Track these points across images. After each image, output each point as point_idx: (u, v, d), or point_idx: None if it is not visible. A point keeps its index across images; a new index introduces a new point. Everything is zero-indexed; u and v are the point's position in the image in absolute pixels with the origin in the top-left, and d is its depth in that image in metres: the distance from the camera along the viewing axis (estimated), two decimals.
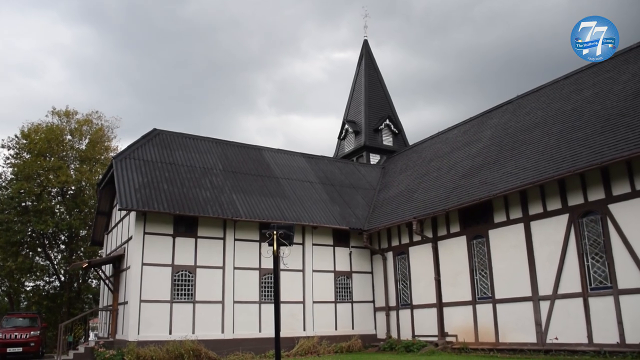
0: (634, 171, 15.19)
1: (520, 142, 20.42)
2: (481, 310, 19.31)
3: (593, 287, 15.94)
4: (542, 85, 23.86)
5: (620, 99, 17.70)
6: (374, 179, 30.14)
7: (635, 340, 14.59)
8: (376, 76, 36.74)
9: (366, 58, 37.01)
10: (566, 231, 16.64)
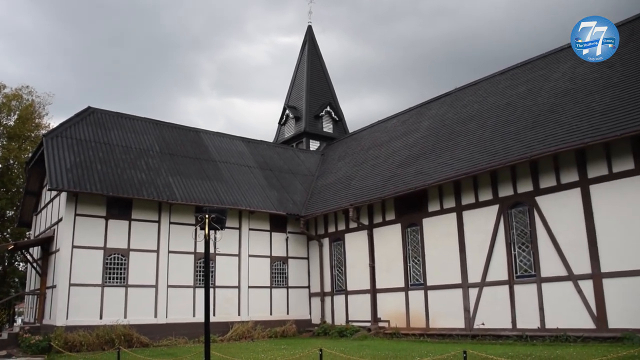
0: (560, 166, 15.89)
1: (457, 134, 20.96)
2: (413, 297, 19.81)
3: (519, 275, 16.64)
4: (480, 79, 24.52)
5: (551, 96, 18.42)
6: (313, 165, 30.26)
7: (553, 325, 15.40)
8: (319, 63, 36.74)
9: (310, 44, 36.94)
10: (496, 221, 17.27)
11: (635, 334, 13.38)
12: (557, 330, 15.21)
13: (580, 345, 14.06)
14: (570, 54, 20.38)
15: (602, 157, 14.99)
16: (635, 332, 13.47)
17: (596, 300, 14.65)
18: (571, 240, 15.35)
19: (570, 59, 20.07)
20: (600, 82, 17.09)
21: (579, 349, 13.15)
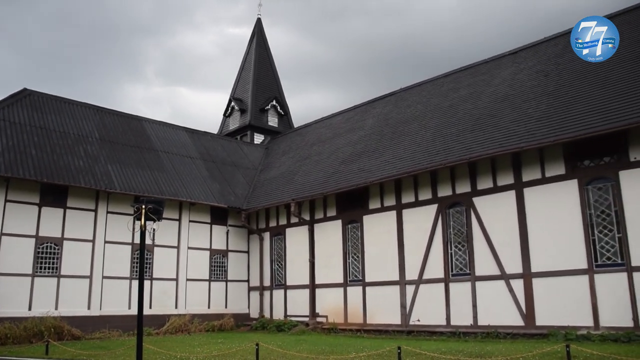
0: (497, 168, 16.45)
1: (399, 133, 21.30)
2: (352, 293, 20.04)
3: (454, 273, 17.11)
4: (424, 80, 25.00)
5: (491, 101, 18.98)
6: (257, 158, 30.11)
7: (485, 322, 15.94)
8: (267, 56, 36.53)
9: (258, 37, 36.66)
10: (434, 220, 17.69)
11: (560, 330, 14.06)
12: (489, 327, 15.75)
13: (509, 341, 14.58)
14: (511, 61, 21.14)
15: (536, 161, 15.61)
16: (560, 329, 14.15)
17: (526, 299, 15.25)
18: (505, 241, 15.92)
19: (510, 65, 20.77)
20: (537, 90, 17.73)
21: (508, 345, 13.64)
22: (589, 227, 14.45)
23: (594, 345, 12.49)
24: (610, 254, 14.09)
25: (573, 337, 13.54)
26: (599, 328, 13.76)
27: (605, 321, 13.77)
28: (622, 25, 18.20)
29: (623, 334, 13.05)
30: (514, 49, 21.94)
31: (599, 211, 14.42)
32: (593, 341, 13.17)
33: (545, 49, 20.38)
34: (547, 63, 19.19)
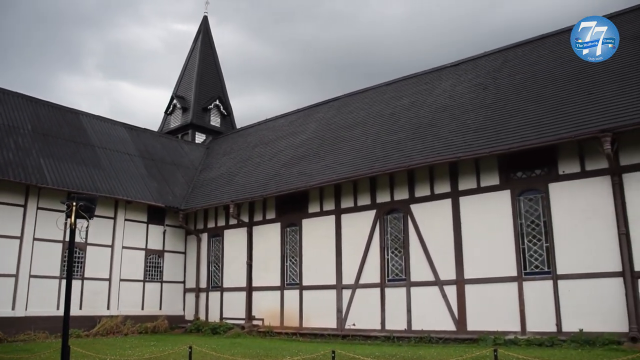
0: (435, 176, 16.85)
1: (341, 139, 21.48)
2: (288, 296, 20.03)
3: (390, 278, 17.39)
4: (367, 87, 25.33)
5: (432, 111, 19.42)
6: (197, 158, 29.67)
7: (419, 327, 16.27)
8: (212, 55, 36.08)
9: (204, 35, 36.16)
10: (372, 226, 17.91)
11: (489, 335, 14.50)
12: (422, 331, 16.07)
13: (441, 346, 14.93)
14: (452, 72, 21.73)
15: (472, 171, 16.09)
16: (490, 334, 14.60)
17: (458, 305, 15.67)
18: (440, 248, 16.31)
19: (451, 77, 21.33)
20: (476, 102, 18.28)
21: (440, 349, 13.96)
22: (519, 236, 15.01)
23: (520, 349, 12.97)
24: (538, 263, 14.67)
25: (501, 342, 14.00)
26: (526, 333, 14.31)
27: (531, 326, 14.33)
28: (555, 45, 19.13)
29: (547, 338, 13.63)
30: (455, 61, 22.58)
31: (529, 221, 15.01)
32: (520, 346, 13.67)
33: (484, 63, 21.05)
34: (486, 77, 19.82)
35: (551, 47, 19.24)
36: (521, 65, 19.20)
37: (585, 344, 12.93)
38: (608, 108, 14.07)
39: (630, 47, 16.31)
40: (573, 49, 13.18)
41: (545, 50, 19.23)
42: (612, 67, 15.79)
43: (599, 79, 15.65)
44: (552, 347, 13.30)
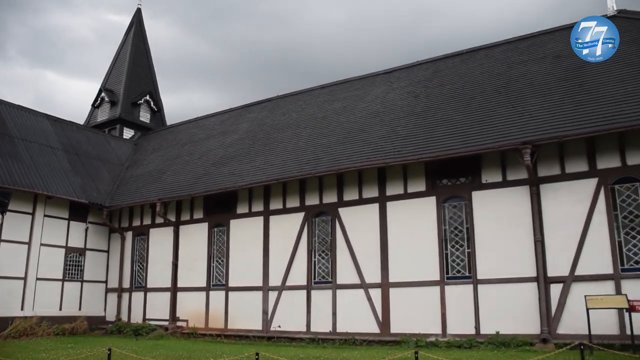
0: (363, 181, 17.11)
1: (272, 140, 21.43)
2: (214, 297, 19.77)
3: (317, 281, 17.49)
4: (301, 90, 25.41)
5: (363, 116, 19.69)
6: (124, 154, 28.79)
7: (344, 329, 16.44)
8: (144, 48, 35.10)
9: (137, 27, 35.12)
10: (300, 228, 17.97)
11: (412, 338, 14.86)
12: (347, 333, 16.25)
13: (365, 348, 15.15)
14: (384, 79, 22.13)
15: (399, 177, 16.45)
16: (412, 336, 14.96)
17: (382, 307, 15.96)
18: (366, 251, 16.54)
19: (384, 84, 21.73)
20: (406, 110, 18.68)
21: (363, 351, 14.16)
22: (443, 241, 15.47)
23: (440, 351, 13.35)
24: (460, 267, 15.16)
25: (423, 344, 14.37)
26: (446, 335, 14.74)
27: (452, 329, 14.79)
28: (484, 59, 19.91)
29: (466, 340, 14.11)
30: (389, 68, 23.03)
31: (452, 227, 15.49)
32: (440, 347, 14.07)
33: (417, 72, 21.56)
34: (417, 85, 20.30)
35: (480, 60, 19.96)
36: (451, 76, 19.80)
37: (501, 346, 13.48)
38: (530, 121, 14.74)
39: (553, 65, 17.21)
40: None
41: (474, 63, 19.93)
42: (535, 83, 16.61)
43: (523, 93, 16.37)
44: (471, 348, 13.77)
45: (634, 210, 13.39)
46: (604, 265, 13.33)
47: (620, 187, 13.64)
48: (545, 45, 18.85)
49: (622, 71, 15.20)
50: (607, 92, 14.61)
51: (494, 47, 20.47)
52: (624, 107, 13.60)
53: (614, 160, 13.73)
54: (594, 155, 13.96)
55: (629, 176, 13.55)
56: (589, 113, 14.06)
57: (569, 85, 15.72)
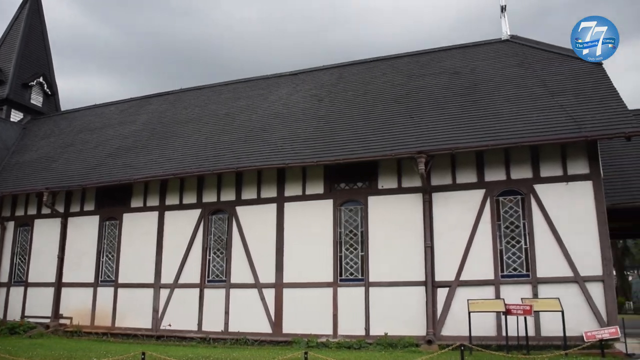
0: (262, 181, 17.15)
1: (172, 134, 20.85)
2: (102, 294, 18.93)
3: (210, 279, 17.26)
4: (205, 85, 24.95)
5: (265, 116, 19.64)
6: (11, 138, 26.88)
7: (236, 328, 16.33)
8: (40, 27, 32.85)
9: (32, 2, 32.85)
10: (196, 225, 17.63)
11: (303, 338, 15.01)
12: (239, 333, 16.14)
13: (256, 348, 15.15)
14: (290, 81, 22.22)
15: (298, 178, 16.58)
16: (304, 336, 15.11)
17: (275, 308, 15.99)
18: (262, 251, 16.51)
19: (289, 85, 21.80)
20: (309, 112, 18.85)
21: (254, 351, 14.15)
22: (338, 244, 15.75)
23: (330, 351, 13.59)
24: (353, 270, 15.51)
25: (314, 345, 14.56)
26: (337, 336, 15.03)
27: (343, 330, 15.10)
28: (387, 68, 20.56)
29: (356, 341, 14.46)
30: (295, 70, 23.14)
31: (348, 230, 15.82)
32: (330, 348, 14.33)
33: (322, 76, 21.81)
34: (321, 89, 20.54)
35: (384, 70, 20.54)
36: (355, 82, 20.21)
37: (389, 347, 13.96)
38: (426, 132, 15.37)
39: (451, 80, 18.07)
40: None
41: (378, 72, 20.47)
42: (433, 96, 17.37)
43: (421, 105, 17.03)
44: (360, 349, 14.14)
45: (515, 221, 14.34)
46: (486, 272, 14.18)
47: (504, 199, 14.56)
48: (445, 61, 19.73)
49: (511, 91, 16.26)
50: (498, 109, 15.53)
51: (397, 59, 21.15)
52: (511, 125, 14.54)
53: (500, 174, 14.65)
54: (482, 167, 14.80)
55: (512, 189, 14.51)
56: (480, 128, 14.88)
57: (463, 101, 16.55)
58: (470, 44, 20.56)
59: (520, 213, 14.36)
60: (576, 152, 14.13)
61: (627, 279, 56.72)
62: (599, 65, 16.55)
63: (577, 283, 13.45)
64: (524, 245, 14.15)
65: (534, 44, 18.88)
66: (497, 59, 18.72)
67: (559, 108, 14.66)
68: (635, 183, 15.43)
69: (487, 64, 18.57)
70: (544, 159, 14.37)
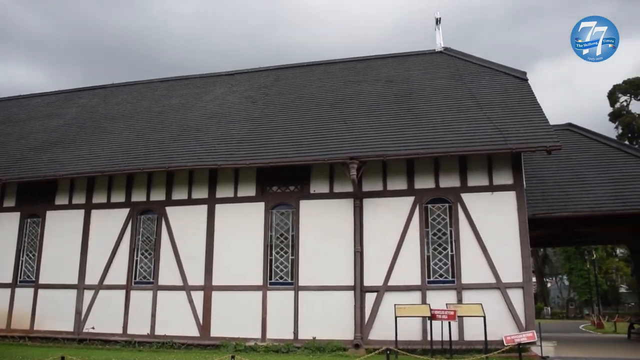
0: (193, 181, 16.83)
1: (102, 130, 20.20)
2: (20, 295, 18.00)
3: (137, 281, 16.80)
4: (139, 80, 24.42)
5: (200, 115, 19.39)
6: None
7: (162, 332, 15.99)
8: None
9: None
10: (124, 225, 17.13)
11: (231, 342, 14.89)
12: (166, 336, 15.81)
13: (183, 351, 14.93)
14: (226, 81, 22.07)
15: (231, 180, 16.42)
16: (232, 340, 15.00)
17: (204, 311, 15.77)
18: (192, 253, 16.25)
19: (225, 85, 21.63)
20: (243, 114, 18.75)
21: (181, 355, 13.97)
22: (269, 247, 15.72)
23: (258, 355, 13.61)
24: (283, 274, 15.52)
25: (242, 349, 14.50)
26: (266, 340, 14.99)
27: (271, 334, 15.07)
28: (323, 74, 20.76)
29: (284, 345, 14.50)
30: (231, 70, 22.98)
31: (279, 234, 15.82)
32: (258, 352, 14.31)
33: (258, 77, 21.75)
34: (257, 91, 20.47)
35: (319, 74, 20.73)
36: (291, 86, 20.29)
37: (317, 350, 14.04)
38: (358, 138, 15.59)
39: (385, 88, 18.50)
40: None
41: (313, 77, 20.64)
42: (367, 103, 17.73)
43: (355, 111, 17.30)
44: (288, 353, 14.18)
45: (442, 228, 14.78)
46: (413, 277, 14.55)
47: (433, 206, 14.97)
48: (380, 69, 20.11)
49: (442, 102, 16.79)
50: (429, 119, 15.99)
51: (333, 64, 21.41)
52: (441, 135, 14.99)
53: (429, 182, 15.07)
54: (412, 175, 15.18)
55: (440, 197, 14.95)
56: (412, 136, 15.26)
57: (397, 109, 16.92)
58: (405, 54, 21.07)
59: (448, 221, 14.80)
60: (501, 163, 14.71)
61: (546, 286, 59.57)
62: (525, 81, 17.45)
63: (499, 289, 14.01)
64: (450, 252, 14.59)
65: (466, 57, 19.55)
66: (431, 70, 19.25)
67: (486, 120, 15.23)
68: (554, 195, 16.18)
69: (420, 74, 19.06)
70: (471, 169, 14.88)
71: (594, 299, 45.03)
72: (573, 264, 47.07)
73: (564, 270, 51.19)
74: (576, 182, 16.64)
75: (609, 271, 50.06)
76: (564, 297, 59.25)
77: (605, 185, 16.29)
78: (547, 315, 48.14)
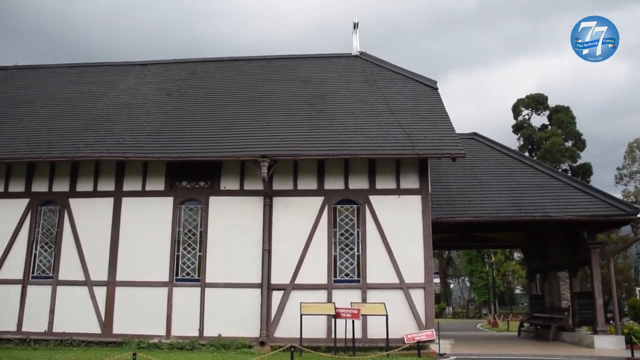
0: (100, 172, 16.32)
1: (2, 114, 18.98)
2: None
3: (35, 275, 16.01)
4: (45, 64, 23.12)
5: (111, 105, 18.66)
6: None
7: (61, 329, 15.37)
8: None
9: None
10: (22, 216, 16.26)
11: (134, 339, 14.59)
12: (65, 334, 15.26)
13: (83, 349, 14.48)
14: (139, 71, 21.38)
15: (139, 173, 16.07)
16: (135, 337, 14.70)
17: (107, 307, 15.36)
18: (96, 247, 15.75)
19: (138, 75, 20.95)
20: (157, 106, 18.30)
21: (80, 353, 13.53)
22: (176, 243, 15.52)
23: (161, 353, 13.40)
24: (190, 270, 15.38)
25: (145, 346, 14.25)
26: (170, 337, 14.82)
27: (176, 331, 14.91)
28: (239, 70, 20.68)
29: (189, 342, 14.39)
30: (146, 60, 22.32)
31: (187, 230, 15.66)
32: (162, 349, 14.12)
33: (173, 69, 21.26)
34: (171, 83, 20.04)
35: (236, 70, 20.62)
36: (206, 80, 20.04)
37: (222, 348, 14.05)
38: (270, 136, 15.70)
39: (300, 88, 18.73)
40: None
41: (230, 73, 20.50)
42: (281, 101, 17.88)
43: (268, 109, 17.44)
44: (192, 350, 14.06)
45: (350, 229, 15.17)
46: (320, 276, 14.86)
47: (341, 207, 15.34)
48: (297, 69, 20.27)
49: (355, 105, 17.20)
50: (341, 121, 16.33)
51: (250, 61, 21.32)
52: (352, 137, 15.38)
53: (339, 183, 15.42)
54: (323, 175, 15.47)
55: (349, 198, 15.34)
56: (324, 137, 15.55)
57: (310, 110, 17.16)
58: (322, 55, 21.34)
59: (355, 221, 15.19)
60: (409, 168, 15.28)
61: (449, 286, 62.16)
62: (435, 90, 18.17)
63: (402, 289, 14.57)
64: (357, 253, 14.99)
65: (381, 62, 20.06)
66: (346, 73, 19.60)
67: (397, 126, 15.74)
68: (457, 200, 16.94)
69: (336, 77, 19.39)
70: (380, 172, 15.35)
71: (491, 300, 47.37)
72: (474, 266, 49.22)
73: (466, 272, 53.44)
74: (478, 189, 17.48)
75: (506, 274, 52.73)
76: (465, 297, 61.94)
77: (504, 193, 17.23)
78: (448, 314, 50.14)
